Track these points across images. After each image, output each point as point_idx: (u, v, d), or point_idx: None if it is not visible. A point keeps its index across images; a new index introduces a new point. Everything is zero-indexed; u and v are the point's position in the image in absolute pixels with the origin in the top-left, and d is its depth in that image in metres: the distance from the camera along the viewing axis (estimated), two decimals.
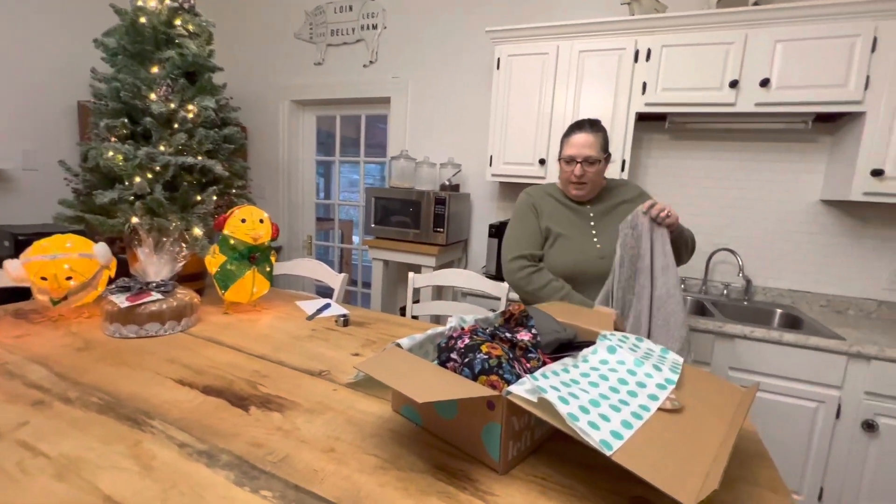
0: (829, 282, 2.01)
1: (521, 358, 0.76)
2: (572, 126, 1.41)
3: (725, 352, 1.69)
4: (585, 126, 1.38)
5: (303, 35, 3.00)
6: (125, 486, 0.58)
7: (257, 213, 1.34)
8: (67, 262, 1.14)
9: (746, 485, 0.65)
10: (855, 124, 1.76)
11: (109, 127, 1.35)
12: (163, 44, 1.46)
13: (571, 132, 1.39)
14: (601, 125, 1.40)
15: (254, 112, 3.25)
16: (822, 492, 1.61)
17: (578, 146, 1.35)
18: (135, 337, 1.10)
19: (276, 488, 0.59)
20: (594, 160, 1.35)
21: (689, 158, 2.19)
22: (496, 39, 2.18)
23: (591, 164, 1.35)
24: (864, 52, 1.65)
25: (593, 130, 1.37)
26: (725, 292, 2.13)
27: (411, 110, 2.76)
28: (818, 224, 2.01)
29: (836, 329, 1.68)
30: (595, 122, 1.40)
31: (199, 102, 1.46)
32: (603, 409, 0.61)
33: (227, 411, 0.78)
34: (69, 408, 0.76)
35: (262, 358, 1.02)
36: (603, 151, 1.37)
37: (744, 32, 1.78)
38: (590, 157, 1.34)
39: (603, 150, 1.37)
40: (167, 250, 1.24)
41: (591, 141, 1.35)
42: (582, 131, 1.37)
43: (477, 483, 0.62)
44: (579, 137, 1.36)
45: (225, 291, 1.31)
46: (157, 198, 1.35)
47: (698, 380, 0.76)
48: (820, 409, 1.59)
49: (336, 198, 3.27)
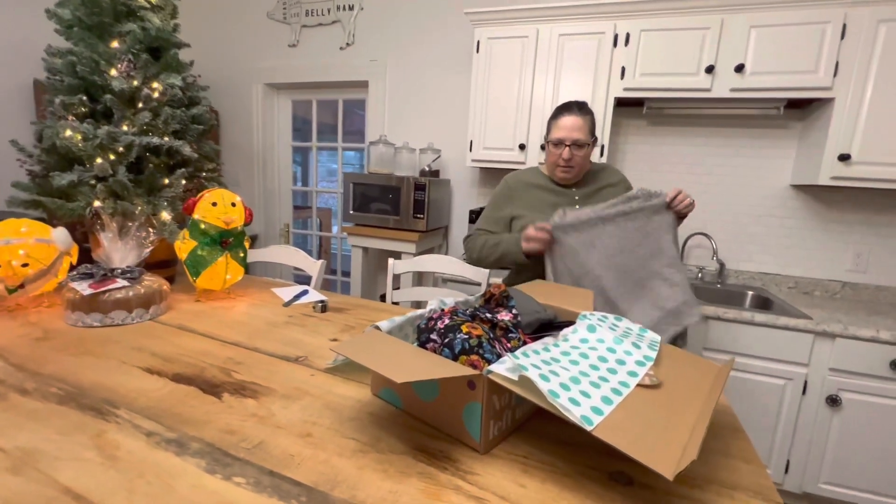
0: (797, 264, 2.08)
1: (502, 338, 0.75)
2: (560, 108, 1.38)
3: (699, 333, 1.73)
4: (574, 109, 1.34)
5: (276, 15, 2.89)
6: (87, 478, 0.54)
7: (229, 196, 1.29)
8: (23, 248, 1.07)
9: (721, 457, 0.66)
10: (824, 110, 1.81)
11: (66, 104, 1.27)
12: (122, 16, 1.37)
13: (560, 114, 1.36)
14: (589, 108, 1.37)
15: (225, 95, 3.12)
16: (789, 464, 1.68)
17: (567, 129, 1.32)
18: (99, 326, 1.05)
19: (250, 474, 0.57)
20: (582, 143, 1.32)
21: (666, 144, 2.21)
22: (476, 21, 2.14)
23: (579, 147, 1.32)
24: (833, 38, 1.68)
25: (582, 113, 1.34)
26: (700, 276, 2.18)
27: (390, 94, 2.70)
28: (788, 208, 2.07)
29: (804, 309, 1.74)
30: (583, 104, 1.37)
31: (165, 80, 1.38)
32: (583, 385, 0.60)
33: (199, 399, 0.75)
34: (26, 399, 0.72)
35: (237, 345, 0.99)
36: (591, 135, 1.35)
37: (720, 17, 1.79)
38: (578, 141, 1.31)
39: (591, 134, 1.35)
40: (133, 235, 1.18)
41: (579, 124, 1.32)
42: (570, 114, 1.33)
43: (458, 463, 0.61)
44: (568, 120, 1.33)
45: (196, 278, 1.26)
46: (121, 180, 1.28)
47: (675, 357, 0.77)
48: (788, 386, 1.65)
49: (314, 185, 3.20)
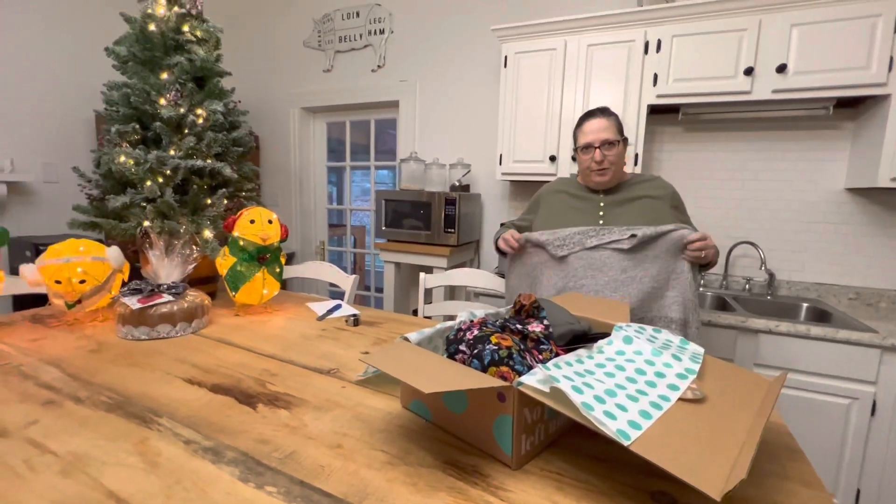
0: (858, 273, 1.93)
1: (533, 349, 0.73)
2: (583, 116, 1.40)
3: (748, 348, 1.62)
4: (597, 113, 1.37)
5: (311, 43, 3.03)
6: (129, 482, 0.57)
7: (266, 213, 1.34)
8: (81, 266, 1.15)
9: (776, 479, 0.61)
10: (879, 108, 1.69)
11: (121, 132, 1.37)
12: (171, 50, 1.48)
13: (584, 121, 1.38)
14: (612, 110, 1.39)
15: (265, 119, 3.29)
16: (859, 494, 1.53)
17: (595, 131, 1.34)
18: (146, 339, 1.10)
19: (282, 484, 0.57)
20: (612, 142, 1.33)
21: (705, 150, 2.13)
22: (503, 37, 2.17)
23: (609, 146, 1.33)
24: (886, 32, 1.58)
25: (605, 115, 1.36)
26: (747, 287, 2.06)
27: (420, 112, 2.76)
28: (843, 213, 1.93)
29: (868, 322, 1.60)
30: (605, 108, 1.39)
31: (208, 106, 1.47)
32: (619, 399, 0.58)
33: (235, 409, 0.76)
34: (79, 407, 0.76)
35: (272, 357, 1.01)
36: (619, 134, 1.36)
37: (757, 18, 1.73)
38: (608, 140, 1.32)
39: (619, 133, 1.36)
40: (178, 253, 1.25)
41: (605, 125, 1.34)
42: (594, 117, 1.36)
43: (489, 478, 0.59)
44: (593, 123, 1.35)
45: (235, 293, 1.31)
46: (168, 201, 1.37)
47: (721, 370, 0.72)
48: (853, 406, 1.51)
49: (348, 203, 3.28)
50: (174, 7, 1.48)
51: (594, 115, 1.37)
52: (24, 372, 0.89)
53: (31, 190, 2.47)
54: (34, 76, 2.45)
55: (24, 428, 0.69)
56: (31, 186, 2.47)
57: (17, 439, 0.66)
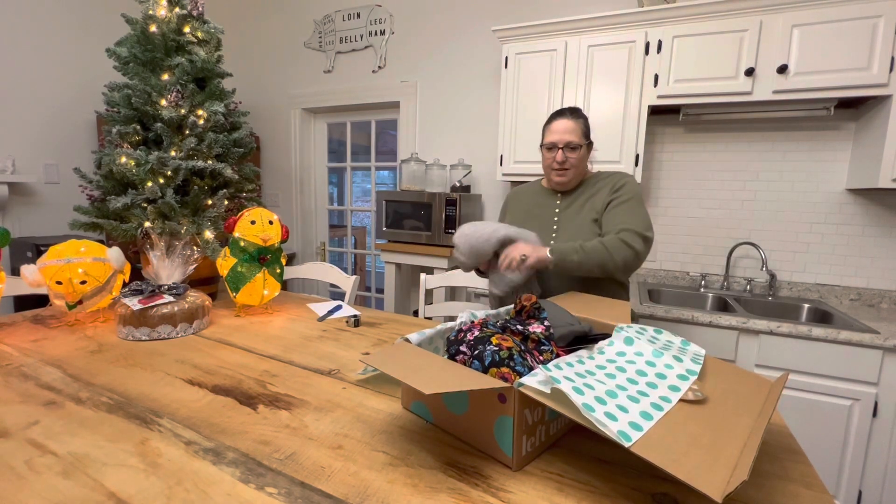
0: (859, 274, 1.93)
1: (534, 350, 0.73)
2: (553, 114, 1.41)
3: (750, 349, 1.62)
4: (566, 113, 1.38)
5: (312, 44, 3.04)
6: (130, 483, 0.57)
7: (267, 214, 1.34)
8: (81, 266, 1.15)
9: (778, 480, 0.61)
10: (880, 109, 1.69)
11: (122, 133, 1.37)
12: (172, 51, 1.48)
13: (552, 119, 1.39)
14: (582, 112, 1.39)
15: (265, 120, 3.29)
16: (861, 495, 1.52)
17: (560, 132, 1.35)
18: (147, 339, 1.10)
19: (282, 485, 0.57)
20: (575, 145, 1.34)
21: (706, 151, 2.13)
22: (503, 38, 2.17)
23: (572, 149, 1.34)
24: (887, 33, 1.58)
25: (574, 117, 1.36)
26: (748, 288, 2.05)
27: (420, 113, 2.76)
28: (845, 214, 1.93)
29: (869, 323, 1.60)
30: (576, 109, 1.40)
31: (209, 107, 1.47)
32: (620, 399, 0.57)
33: (235, 409, 0.76)
34: (80, 407, 0.76)
35: (273, 358, 1.01)
36: (584, 137, 1.36)
37: (758, 19, 1.73)
38: (571, 143, 1.33)
39: (584, 136, 1.36)
40: (179, 254, 1.25)
41: (571, 126, 1.34)
42: (563, 118, 1.37)
43: (490, 480, 0.59)
44: (560, 124, 1.36)
45: (236, 294, 1.31)
46: (169, 202, 1.37)
47: (722, 371, 0.72)
48: (855, 407, 1.51)
49: (348, 203, 3.28)
50: (175, 8, 1.48)
51: (563, 114, 1.38)
52: (25, 373, 0.89)
53: (32, 191, 2.47)
54: (36, 77, 2.45)
55: (25, 428, 0.69)
56: (33, 187, 2.47)
57: (17, 440, 0.66)
